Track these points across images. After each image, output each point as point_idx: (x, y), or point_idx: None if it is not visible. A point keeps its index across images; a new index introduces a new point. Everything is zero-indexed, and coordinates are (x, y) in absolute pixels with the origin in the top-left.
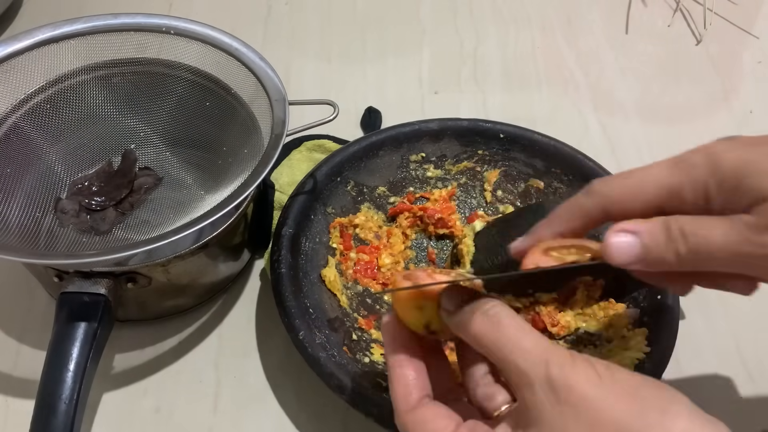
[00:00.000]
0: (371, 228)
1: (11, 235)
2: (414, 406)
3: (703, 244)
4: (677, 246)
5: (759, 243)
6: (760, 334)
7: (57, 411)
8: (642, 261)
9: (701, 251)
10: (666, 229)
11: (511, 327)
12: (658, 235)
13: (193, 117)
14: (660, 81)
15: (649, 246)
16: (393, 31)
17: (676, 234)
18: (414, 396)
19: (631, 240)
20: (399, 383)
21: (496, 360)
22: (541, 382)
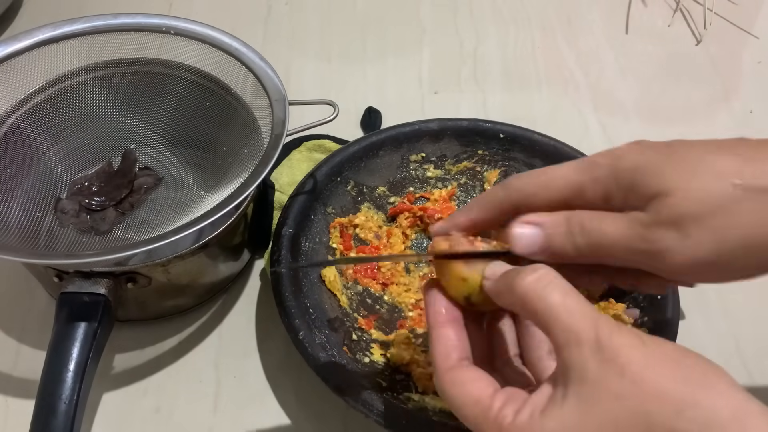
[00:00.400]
0: (371, 228)
1: (11, 235)
2: (453, 366)
3: (598, 237)
4: (576, 238)
5: (648, 238)
6: (760, 334)
7: (57, 411)
8: (543, 251)
9: (597, 244)
10: (567, 222)
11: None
12: (558, 227)
13: (193, 117)
14: (660, 81)
15: (550, 237)
16: (393, 31)
17: (575, 227)
18: (453, 356)
19: (534, 231)
20: (439, 342)
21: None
22: (589, 341)
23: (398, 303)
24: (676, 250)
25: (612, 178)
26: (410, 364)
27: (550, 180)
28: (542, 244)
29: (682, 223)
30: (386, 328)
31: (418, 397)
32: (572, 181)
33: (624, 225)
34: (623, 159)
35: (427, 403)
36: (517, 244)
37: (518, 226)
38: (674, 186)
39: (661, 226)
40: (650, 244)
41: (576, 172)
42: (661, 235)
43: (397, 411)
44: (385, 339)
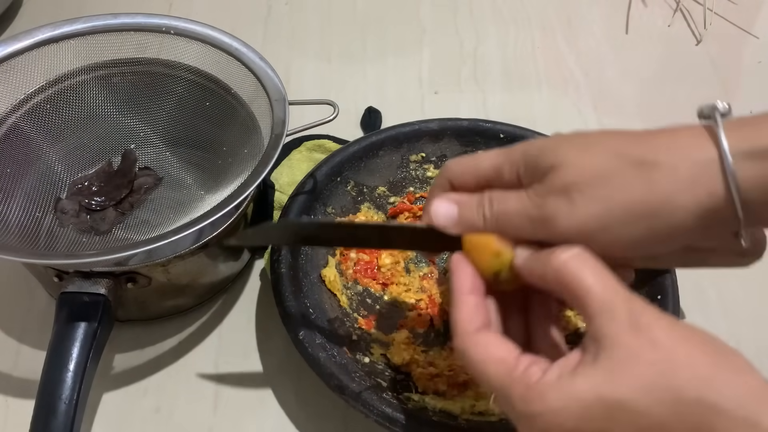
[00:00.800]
0: None
1: (11, 235)
2: (476, 330)
3: (502, 208)
4: (484, 211)
5: (540, 205)
6: (760, 334)
7: (57, 411)
8: (456, 224)
9: (501, 214)
10: (479, 199)
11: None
12: (471, 203)
13: (193, 117)
14: (660, 81)
15: (463, 211)
16: (393, 31)
17: (484, 201)
18: (477, 321)
19: (449, 206)
20: (463, 307)
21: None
22: (622, 313)
23: (398, 303)
24: (564, 215)
25: (522, 159)
26: (410, 364)
27: (477, 163)
28: (456, 218)
29: (569, 191)
30: (386, 328)
31: (418, 397)
32: (494, 163)
33: (523, 196)
34: (533, 143)
35: (427, 403)
36: (434, 217)
37: (436, 202)
38: (565, 160)
39: (552, 194)
40: (542, 210)
41: (498, 156)
42: (552, 201)
43: (397, 411)
44: (385, 339)
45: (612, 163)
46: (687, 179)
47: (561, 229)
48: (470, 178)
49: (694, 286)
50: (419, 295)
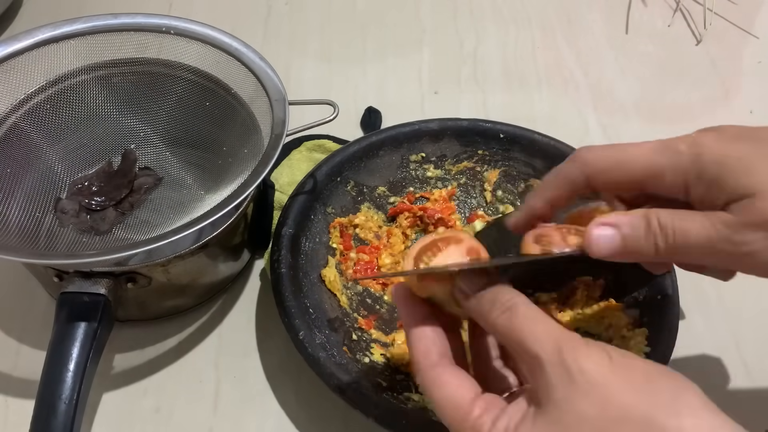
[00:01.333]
0: (371, 228)
1: (11, 235)
2: (435, 363)
3: (681, 238)
4: (656, 240)
5: (735, 241)
6: (760, 334)
7: (57, 411)
8: (622, 254)
9: (679, 245)
10: (646, 223)
11: (527, 315)
12: (638, 229)
13: (193, 117)
14: (660, 81)
15: (629, 239)
16: (393, 31)
17: (655, 228)
18: (434, 353)
19: (611, 233)
20: (418, 340)
21: (510, 345)
22: (553, 364)
23: None
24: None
25: (694, 169)
26: (410, 364)
27: (627, 159)
28: (619, 247)
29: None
30: (386, 328)
31: (418, 397)
32: (651, 163)
33: (708, 226)
34: (707, 150)
35: (427, 403)
36: (594, 247)
37: (596, 229)
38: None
39: (749, 228)
40: (737, 247)
41: (655, 156)
42: (749, 237)
43: (397, 411)
44: (385, 339)
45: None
46: None
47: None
48: (618, 177)
49: (694, 286)
50: None
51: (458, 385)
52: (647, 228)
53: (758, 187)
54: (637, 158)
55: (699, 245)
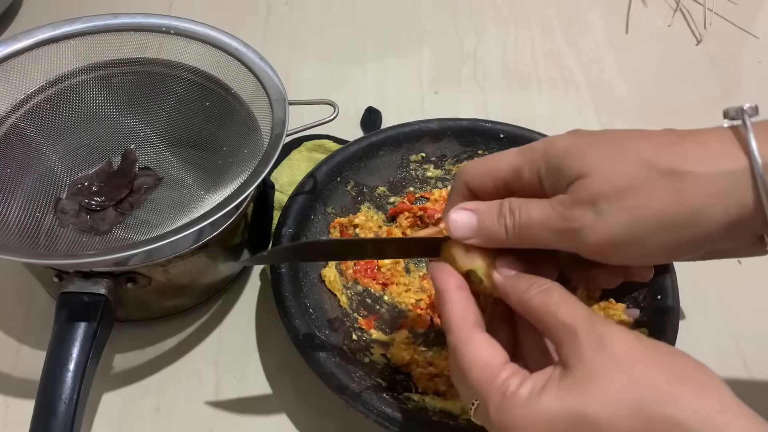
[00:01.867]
0: (371, 228)
1: (11, 235)
2: (471, 327)
3: (525, 220)
4: (506, 221)
5: (567, 217)
6: (760, 334)
7: (57, 411)
8: (477, 235)
9: (524, 226)
10: (498, 207)
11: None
12: (491, 212)
13: (193, 117)
14: (660, 81)
15: (483, 222)
16: (393, 31)
17: (505, 211)
18: (470, 318)
19: (468, 216)
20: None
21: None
22: (585, 334)
23: (398, 303)
24: (592, 228)
25: (543, 161)
26: (410, 364)
27: (493, 164)
28: (476, 229)
29: (597, 202)
30: (386, 328)
31: (418, 397)
32: (513, 164)
33: (547, 207)
34: (555, 144)
35: (427, 403)
36: (452, 229)
37: (454, 213)
38: (593, 168)
39: (579, 205)
40: (569, 223)
41: (516, 157)
42: (579, 213)
43: (397, 411)
44: (385, 339)
45: (641, 173)
46: (718, 191)
47: (588, 242)
48: (488, 181)
49: (694, 286)
50: (419, 295)
51: (491, 347)
52: (499, 211)
53: (587, 168)
54: (502, 162)
55: (540, 225)
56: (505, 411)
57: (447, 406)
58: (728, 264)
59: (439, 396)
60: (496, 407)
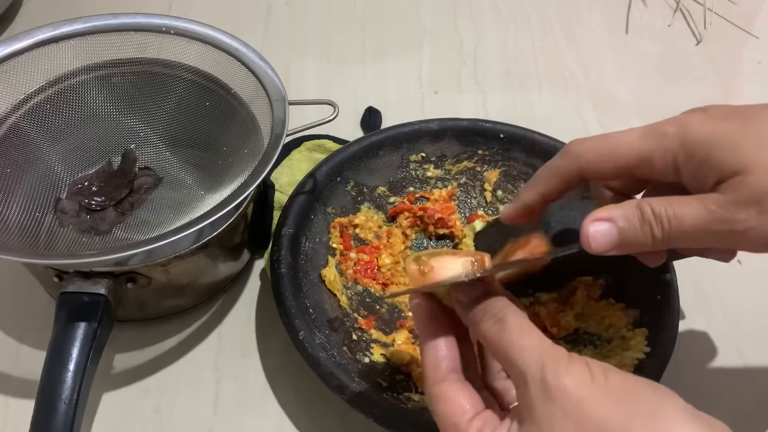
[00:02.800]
0: (371, 228)
1: (11, 235)
2: (442, 378)
3: (676, 225)
4: (652, 229)
5: (728, 220)
6: (760, 334)
7: (57, 411)
8: (620, 246)
9: (675, 231)
10: (640, 213)
11: (515, 328)
12: (632, 220)
13: (193, 117)
14: (660, 81)
15: (625, 231)
16: (393, 31)
17: (649, 217)
18: (443, 367)
19: (607, 227)
20: (429, 352)
21: (499, 358)
22: (535, 382)
23: (398, 303)
24: (757, 228)
25: (682, 149)
26: (410, 364)
27: (614, 146)
28: (616, 240)
29: (762, 201)
30: (386, 328)
31: (418, 397)
32: (639, 149)
33: (701, 209)
34: (693, 130)
35: (426, 404)
36: (592, 244)
37: (591, 225)
38: (753, 163)
39: (741, 205)
40: (730, 225)
41: (643, 141)
42: (743, 215)
43: (397, 411)
44: (385, 339)
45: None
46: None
47: (751, 242)
48: (608, 167)
49: (694, 286)
50: None
51: (459, 403)
52: (641, 218)
53: (746, 163)
54: (625, 146)
55: (694, 229)
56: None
57: None
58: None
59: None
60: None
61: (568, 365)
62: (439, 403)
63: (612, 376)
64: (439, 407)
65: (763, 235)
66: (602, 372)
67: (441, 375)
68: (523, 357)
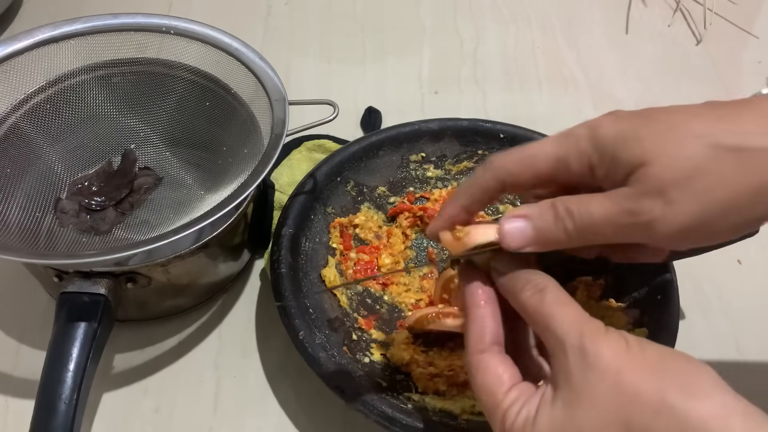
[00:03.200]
0: (371, 228)
1: (11, 235)
2: (483, 349)
3: (587, 220)
4: (565, 224)
5: (635, 212)
6: (760, 334)
7: (57, 411)
8: (535, 243)
9: (586, 226)
10: (553, 210)
11: (555, 297)
12: (546, 216)
13: (193, 117)
14: (660, 81)
15: (540, 227)
16: (393, 30)
17: (562, 213)
18: (486, 340)
19: (522, 224)
20: (475, 323)
21: (537, 325)
22: (573, 350)
23: (398, 303)
24: (663, 218)
25: (594, 149)
26: (410, 364)
27: (532, 156)
28: (532, 236)
29: (666, 191)
30: (386, 328)
31: (418, 397)
32: (555, 154)
33: (610, 202)
34: (602, 130)
35: (427, 403)
36: (508, 240)
37: (507, 223)
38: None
39: (646, 196)
40: (637, 217)
41: (558, 146)
42: (647, 206)
43: (397, 411)
44: (385, 339)
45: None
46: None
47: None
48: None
49: (694, 286)
50: (419, 295)
51: (498, 373)
52: (555, 215)
53: (649, 154)
54: (541, 153)
55: (605, 223)
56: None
57: (447, 406)
58: (728, 264)
59: (439, 396)
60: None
61: (606, 335)
62: (479, 372)
63: (648, 347)
64: (478, 377)
65: (669, 226)
66: (638, 343)
67: (482, 346)
68: (563, 325)
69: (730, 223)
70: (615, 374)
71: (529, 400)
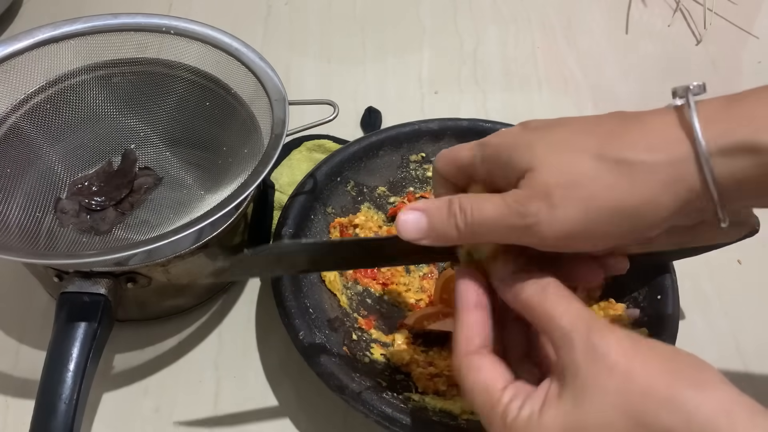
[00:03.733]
0: (371, 228)
1: (11, 235)
2: (473, 351)
3: (478, 218)
4: (456, 221)
5: (522, 213)
6: (760, 334)
7: (57, 411)
8: (428, 236)
9: (477, 224)
10: (448, 206)
11: (559, 294)
12: (440, 211)
13: (193, 117)
14: (660, 81)
15: (433, 222)
16: (393, 30)
17: (455, 209)
18: (476, 342)
19: (417, 216)
20: (463, 327)
21: (540, 320)
22: (581, 344)
23: (398, 303)
24: (546, 221)
25: (495, 156)
26: (410, 364)
27: (455, 155)
28: (426, 229)
29: (549, 195)
30: (386, 328)
31: (418, 397)
32: (469, 157)
33: (500, 202)
34: (506, 139)
35: (427, 403)
36: (402, 230)
37: (403, 214)
38: (542, 160)
39: (533, 199)
40: (524, 218)
41: (472, 150)
42: (534, 208)
43: (397, 411)
44: (385, 339)
45: (591, 164)
46: (667, 180)
47: (543, 236)
48: (453, 170)
49: (694, 286)
50: (419, 295)
51: (491, 372)
52: (449, 210)
53: (536, 162)
54: (461, 155)
55: (494, 223)
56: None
57: (447, 406)
58: (728, 264)
59: (439, 396)
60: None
61: (612, 331)
62: (471, 371)
63: (655, 344)
64: (471, 376)
65: (552, 229)
66: (645, 340)
67: (472, 348)
68: (570, 320)
69: (615, 230)
70: (625, 368)
71: (531, 396)
